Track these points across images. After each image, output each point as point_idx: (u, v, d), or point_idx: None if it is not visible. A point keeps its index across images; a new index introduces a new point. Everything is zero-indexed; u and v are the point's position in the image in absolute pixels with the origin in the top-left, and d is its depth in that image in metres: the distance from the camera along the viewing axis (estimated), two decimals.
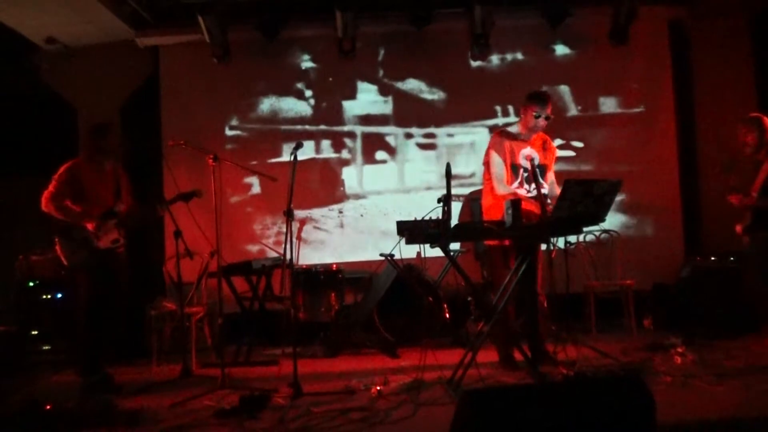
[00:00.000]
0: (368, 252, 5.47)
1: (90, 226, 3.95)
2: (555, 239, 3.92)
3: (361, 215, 5.94)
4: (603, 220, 3.62)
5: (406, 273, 4.89)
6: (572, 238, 4.88)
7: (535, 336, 3.98)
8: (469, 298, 5.11)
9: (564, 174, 4.14)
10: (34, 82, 5.97)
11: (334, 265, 5.18)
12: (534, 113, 3.88)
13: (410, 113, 5.97)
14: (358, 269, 5.49)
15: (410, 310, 4.90)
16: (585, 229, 4.15)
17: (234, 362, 4.52)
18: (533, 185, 3.84)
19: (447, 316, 4.91)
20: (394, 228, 3.52)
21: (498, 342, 3.98)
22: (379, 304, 4.88)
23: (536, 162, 3.96)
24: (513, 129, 4.02)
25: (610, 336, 4.85)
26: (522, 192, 3.87)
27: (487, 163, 3.98)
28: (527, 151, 3.94)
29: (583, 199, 3.45)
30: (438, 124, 5.97)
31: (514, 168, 3.91)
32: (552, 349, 3.96)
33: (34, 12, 5.17)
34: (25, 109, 5.92)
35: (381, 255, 5.05)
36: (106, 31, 5.65)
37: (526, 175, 3.90)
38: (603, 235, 5.26)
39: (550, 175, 4.05)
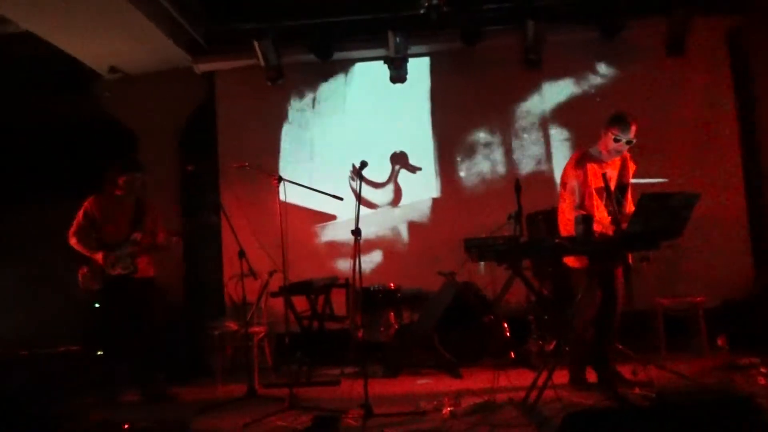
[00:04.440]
0: (424, 270, 5.37)
1: (99, 259, 4.36)
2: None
3: (415, 234, 5.89)
4: (680, 234, 3.49)
5: (464, 291, 4.81)
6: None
7: (607, 356, 3.84)
8: (531, 317, 4.99)
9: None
10: (95, 109, 6.17)
11: (392, 284, 5.14)
12: (614, 137, 3.72)
13: (459, 130, 5.94)
14: (414, 287, 5.41)
15: (469, 329, 4.82)
16: None
17: (297, 382, 4.50)
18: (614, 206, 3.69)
19: (507, 335, 4.81)
20: (451, 246, 3.46)
21: (571, 362, 3.86)
22: (438, 323, 4.81)
23: (615, 182, 3.82)
24: (593, 150, 3.87)
25: (681, 355, 4.64)
26: (603, 215, 3.72)
27: (564, 184, 3.88)
28: (608, 173, 3.77)
29: (658, 213, 3.35)
30: (488, 141, 5.92)
31: (597, 191, 3.77)
32: (632, 369, 3.81)
33: (98, 42, 5.38)
34: (89, 135, 6.12)
35: (440, 273, 5.02)
36: (164, 59, 5.82)
37: (607, 196, 3.74)
38: (667, 250, 5.07)
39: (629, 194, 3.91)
